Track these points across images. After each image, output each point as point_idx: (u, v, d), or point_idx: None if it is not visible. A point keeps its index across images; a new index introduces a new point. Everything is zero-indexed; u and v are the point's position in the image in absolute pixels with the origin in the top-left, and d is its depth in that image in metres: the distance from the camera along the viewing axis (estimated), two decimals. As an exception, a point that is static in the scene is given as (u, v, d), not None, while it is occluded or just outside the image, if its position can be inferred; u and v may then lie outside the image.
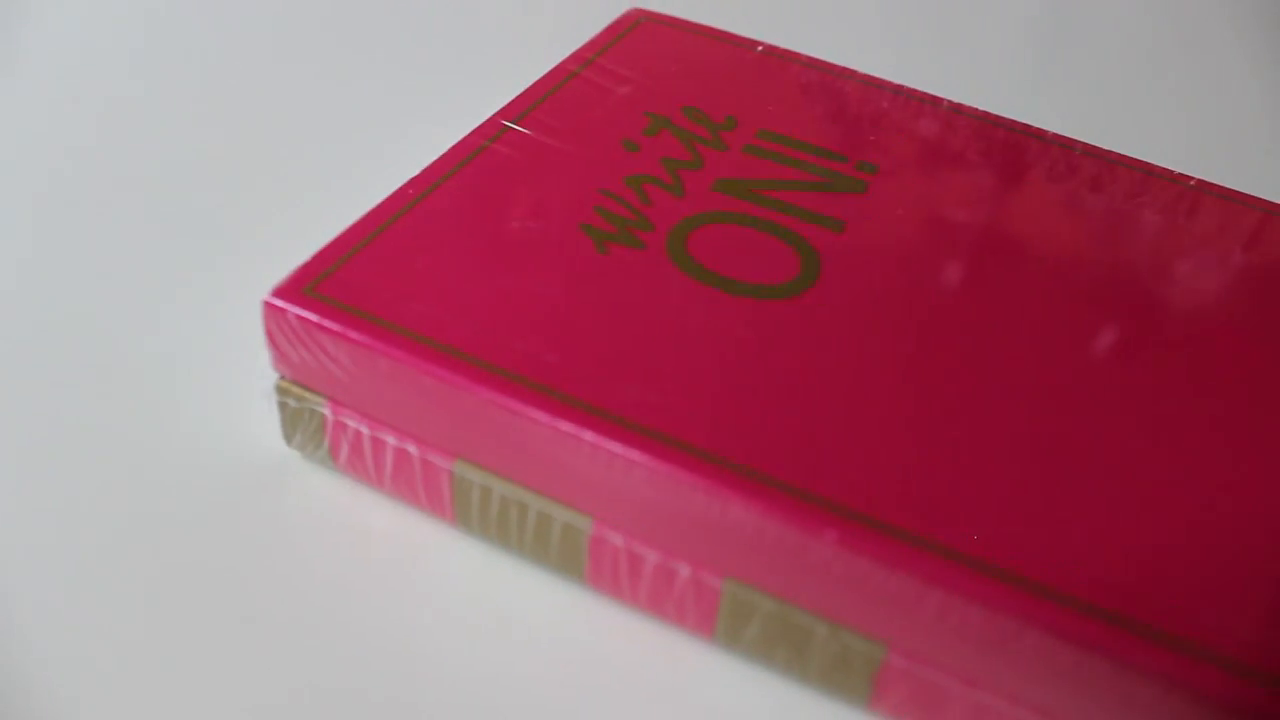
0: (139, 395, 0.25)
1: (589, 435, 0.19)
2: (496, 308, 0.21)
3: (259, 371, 0.22)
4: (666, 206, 0.24)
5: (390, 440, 0.21)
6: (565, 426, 0.19)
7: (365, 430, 0.21)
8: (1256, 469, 0.20)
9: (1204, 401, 0.21)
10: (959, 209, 0.25)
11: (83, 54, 0.35)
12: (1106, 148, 0.27)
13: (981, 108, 0.28)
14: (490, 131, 0.25)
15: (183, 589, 0.21)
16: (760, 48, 0.29)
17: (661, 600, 0.20)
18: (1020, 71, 0.40)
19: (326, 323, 0.21)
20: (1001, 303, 0.23)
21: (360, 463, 0.22)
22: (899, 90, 0.28)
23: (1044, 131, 0.27)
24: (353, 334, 0.20)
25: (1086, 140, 0.28)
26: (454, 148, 0.25)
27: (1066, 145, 0.27)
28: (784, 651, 0.20)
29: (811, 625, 0.19)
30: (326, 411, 0.22)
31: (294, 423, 0.22)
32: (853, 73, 0.29)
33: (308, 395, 0.22)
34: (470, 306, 0.21)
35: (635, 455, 0.19)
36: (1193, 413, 0.21)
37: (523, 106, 0.26)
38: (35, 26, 0.36)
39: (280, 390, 0.22)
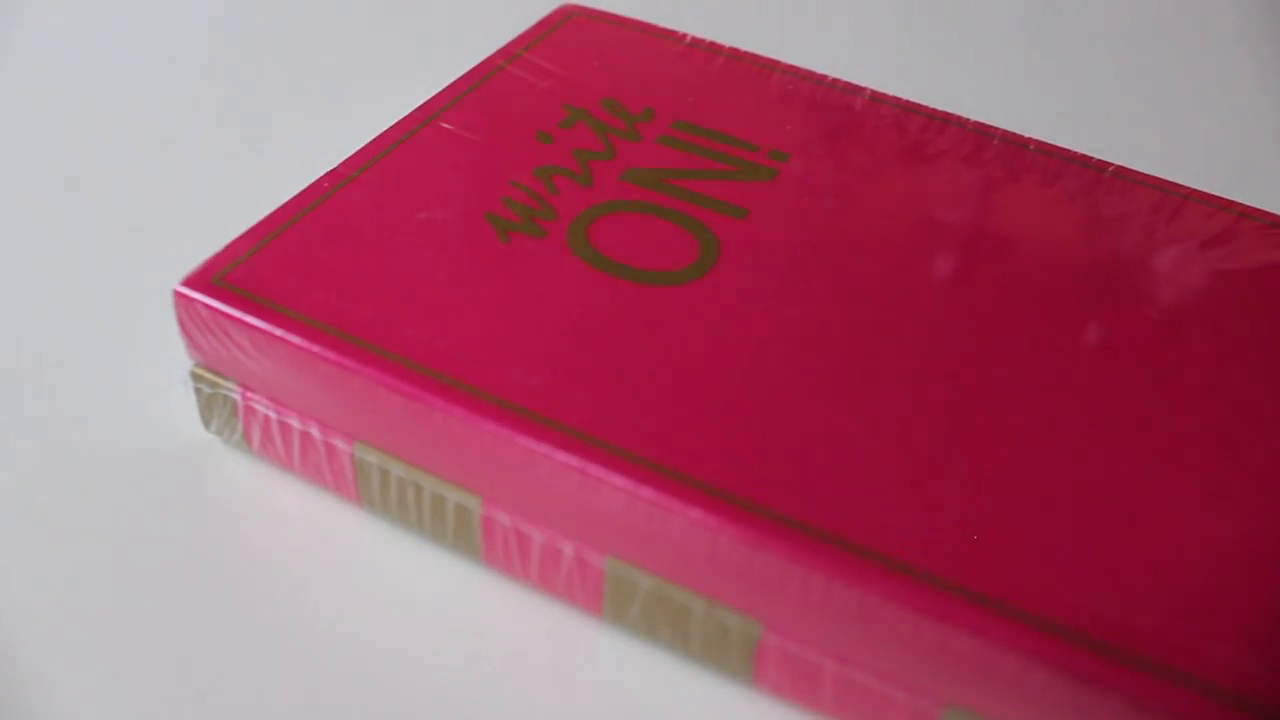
0: (63, 383, 0.26)
1: (475, 419, 0.20)
2: (395, 296, 0.22)
3: (180, 359, 0.23)
4: (573, 196, 0.24)
5: (296, 424, 0.22)
6: (454, 411, 0.20)
7: (274, 415, 0.22)
8: (1170, 461, 0.20)
9: (1109, 377, 0.21)
10: (866, 195, 0.25)
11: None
12: (1026, 134, 0.28)
13: (905, 97, 0.29)
14: (409, 126, 0.26)
15: (104, 570, 0.22)
16: (688, 40, 0.30)
17: (551, 579, 0.21)
18: (942, 57, 0.40)
19: (231, 311, 0.21)
20: (898, 286, 0.23)
21: (272, 446, 0.23)
22: (820, 80, 0.29)
23: (964, 119, 0.28)
24: (255, 322, 0.21)
25: (1007, 127, 0.28)
26: (371, 143, 0.25)
27: (984, 131, 0.27)
28: (667, 629, 0.20)
29: (689, 603, 0.20)
30: (238, 397, 0.23)
31: (210, 408, 0.23)
32: (775, 63, 0.29)
33: (220, 381, 0.23)
34: (370, 295, 0.22)
35: (518, 438, 0.20)
36: (1079, 382, 0.21)
37: (444, 101, 0.27)
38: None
39: (195, 377, 0.23)
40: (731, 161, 0.26)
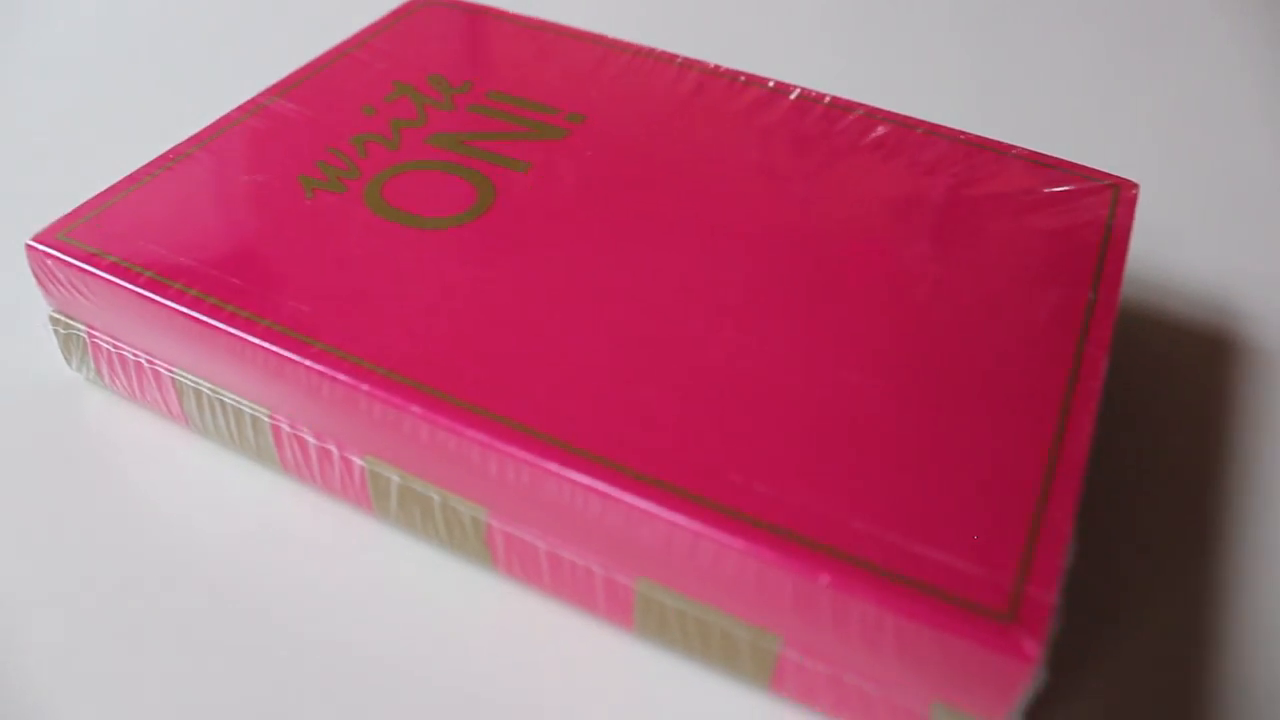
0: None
1: (262, 342, 0.23)
2: (210, 246, 0.26)
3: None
4: (379, 158, 0.28)
5: (130, 356, 0.26)
6: (247, 337, 0.24)
7: (113, 351, 0.26)
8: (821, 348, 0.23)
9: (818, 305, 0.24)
10: (642, 149, 0.28)
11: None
12: (832, 93, 0.30)
13: (729, 65, 0.31)
14: (250, 106, 0.30)
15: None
16: (522, 21, 0.33)
17: (329, 479, 0.25)
18: (759, 28, 0.42)
19: (72, 261, 0.25)
20: (664, 225, 0.26)
21: (118, 380, 0.27)
22: (639, 51, 0.32)
23: (764, 79, 0.31)
24: (92, 270, 0.25)
25: (823, 89, 0.31)
26: (215, 121, 0.29)
27: (782, 90, 0.30)
28: (420, 519, 0.24)
29: (429, 493, 0.23)
30: (86, 336, 0.27)
31: (68, 347, 0.27)
32: (600, 38, 0.32)
33: (73, 323, 0.27)
34: (192, 247, 0.26)
35: (298, 358, 0.23)
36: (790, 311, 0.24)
37: (288, 84, 0.31)
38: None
39: (53, 320, 0.27)
40: (530, 124, 0.29)
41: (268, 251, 0.25)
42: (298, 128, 0.29)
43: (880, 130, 0.29)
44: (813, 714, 0.22)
